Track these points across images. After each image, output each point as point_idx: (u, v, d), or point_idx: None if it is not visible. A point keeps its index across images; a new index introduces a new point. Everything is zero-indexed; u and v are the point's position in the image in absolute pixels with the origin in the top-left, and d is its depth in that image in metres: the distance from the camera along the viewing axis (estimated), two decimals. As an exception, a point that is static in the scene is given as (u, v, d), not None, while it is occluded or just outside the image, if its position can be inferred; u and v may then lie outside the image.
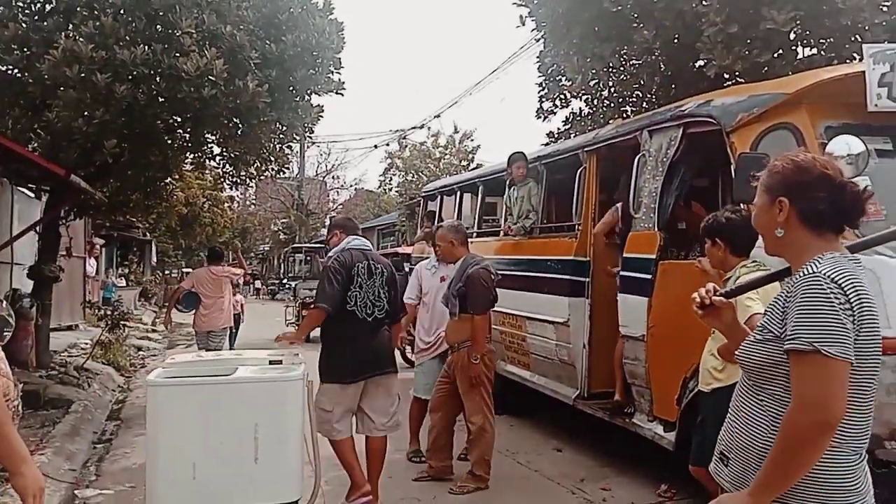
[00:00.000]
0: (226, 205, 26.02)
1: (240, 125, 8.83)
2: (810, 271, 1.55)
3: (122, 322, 9.39)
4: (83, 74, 6.92)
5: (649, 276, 4.33)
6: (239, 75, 7.78)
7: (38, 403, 6.07)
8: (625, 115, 8.63)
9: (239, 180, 11.30)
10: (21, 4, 7.41)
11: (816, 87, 3.81)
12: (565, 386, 5.40)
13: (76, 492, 4.48)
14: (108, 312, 9.00)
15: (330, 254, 4.40)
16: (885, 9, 5.39)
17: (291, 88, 8.93)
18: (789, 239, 1.64)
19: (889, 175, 3.48)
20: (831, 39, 6.18)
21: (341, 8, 9.27)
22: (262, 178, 11.55)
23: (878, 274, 2.98)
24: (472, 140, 27.37)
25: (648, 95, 8.44)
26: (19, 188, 9.34)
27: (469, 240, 5.11)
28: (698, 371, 3.39)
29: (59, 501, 4.21)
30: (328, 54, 9.11)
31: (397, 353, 9.83)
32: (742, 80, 6.33)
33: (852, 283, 1.52)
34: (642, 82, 8.22)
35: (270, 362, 4.07)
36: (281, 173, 11.63)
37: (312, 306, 4.25)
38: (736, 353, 1.71)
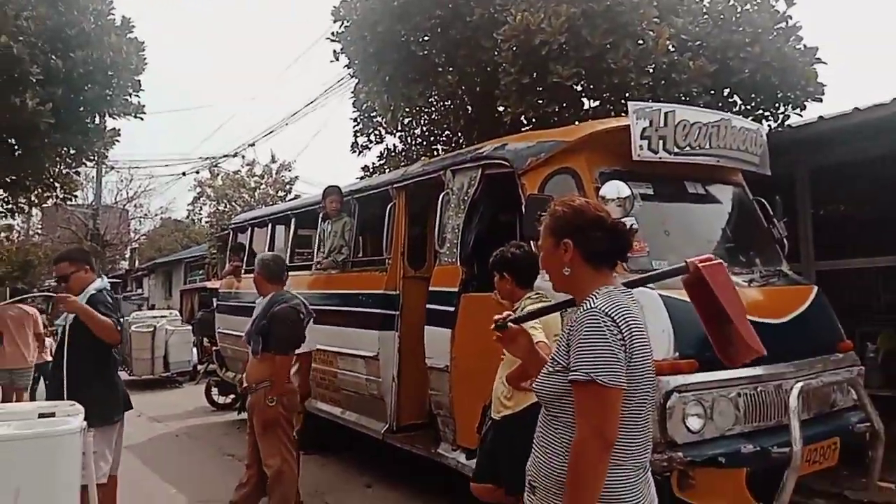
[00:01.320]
0: (2, 234, 22.92)
1: (15, 146, 7.94)
2: (589, 306, 1.71)
3: None
4: None
5: (452, 309, 4.50)
6: (15, 91, 7.04)
7: None
8: (435, 153, 8.99)
9: (16, 208, 10.08)
10: None
11: (592, 137, 4.26)
12: (375, 421, 5.40)
13: None
14: None
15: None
16: (650, 70, 6.18)
17: (81, 109, 8.24)
18: (574, 276, 1.81)
19: (649, 216, 3.96)
20: (609, 94, 6.96)
21: (144, 25, 8.73)
22: (44, 205, 10.41)
23: (641, 303, 3.37)
24: (290, 171, 26.85)
25: (456, 136, 8.88)
26: None
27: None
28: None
29: None
30: (125, 75, 8.55)
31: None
32: (534, 127, 6.90)
33: (624, 316, 1.70)
34: (449, 123, 8.64)
35: (41, 415, 3.61)
36: (67, 200, 10.56)
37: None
38: (533, 385, 1.84)
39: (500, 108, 7.03)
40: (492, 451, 3.27)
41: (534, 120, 6.78)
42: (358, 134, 10.78)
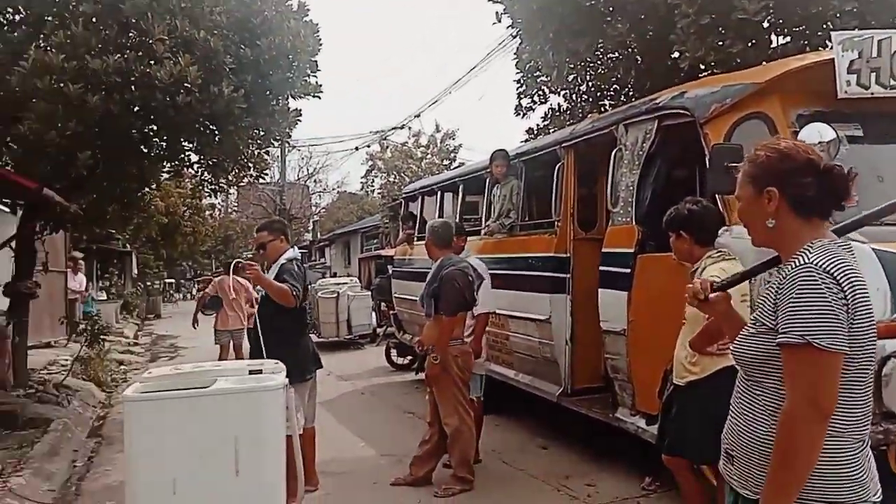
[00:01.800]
0: (207, 213, 25.79)
1: (216, 132, 8.73)
2: (803, 262, 1.52)
3: (101, 337, 9.24)
4: (54, 85, 6.81)
5: (628, 271, 4.32)
6: (214, 81, 7.68)
7: (15, 424, 5.95)
8: (603, 109, 8.64)
9: (218, 187, 11.16)
10: (-10, 16, 7.28)
11: (787, 76, 3.82)
12: (549, 383, 5.39)
13: (55, 512, 4.40)
14: (87, 327, 8.85)
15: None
16: (854, -4, 5.42)
17: (267, 93, 8.83)
18: (780, 228, 1.61)
19: (859, 161, 3.47)
20: (803, 28, 6.22)
21: (317, 9, 9.19)
22: (241, 184, 11.45)
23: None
24: (453, 139, 27.35)
25: (626, 89, 8.45)
26: (-7, 204, 9.17)
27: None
28: (677, 364, 3.38)
29: (39, 522, 4.13)
30: (304, 57, 9.03)
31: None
32: (716, 71, 6.35)
33: (846, 272, 1.50)
34: (619, 76, 8.23)
35: (250, 372, 4.01)
36: (260, 179, 11.55)
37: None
38: (731, 347, 1.69)
39: (676, 55, 6.56)
40: (678, 418, 3.11)
41: (713, 64, 6.25)
42: (521, 96, 10.66)
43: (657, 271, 4.13)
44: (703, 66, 6.59)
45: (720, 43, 5.81)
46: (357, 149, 29.65)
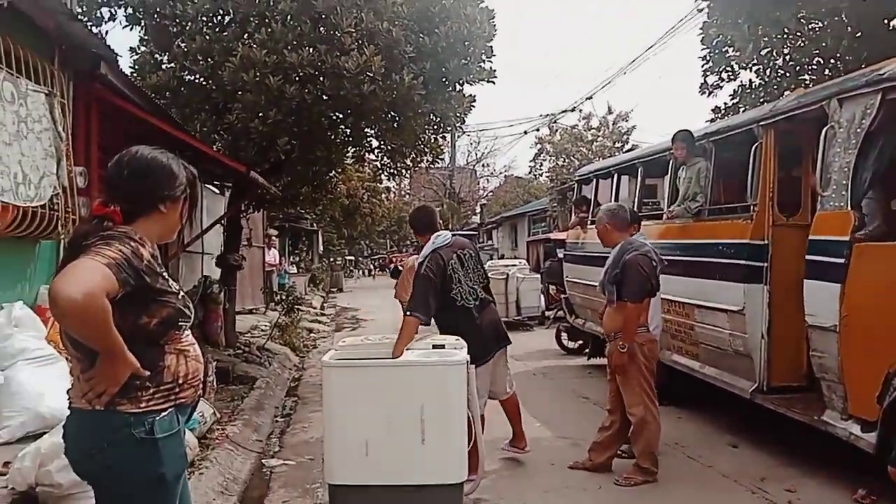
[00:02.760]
0: (383, 195, 27.18)
1: (396, 118, 9.14)
2: None
3: (296, 306, 10.13)
4: (258, 78, 7.52)
5: (842, 261, 3.89)
6: (395, 70, 8.04)
7: (228, 379, 6.73)
8: (804, 85, 7.84)
9: (396, 171, 11.72)
10: (205, 19, 8.16)
11: None
12: (740, 378, 5.03)
13: (263, 461, 4.90)
14: (284, 297, 9.74)
15: (419, 258, 4.49)
16: None
17: (444, 80, 9.08)
18: None
19: None
20: None
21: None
22: (417, 168, 11.89)
23: None
24: (626, 121, 26.36)
25: (832, 61, 7.60)
26: (206, 185, 10.37)
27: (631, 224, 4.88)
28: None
29: (250, 469, 4.63)
30: (479, 43, 9.15)
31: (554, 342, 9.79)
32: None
33: None
34: (825, 45, 7.41)
35: (434, 346, 4.18)
36: (435, 163, 11.91)
37: (408, 313, 4.15)
38: None
39: (899, 19, 5.76)
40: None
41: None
42: (707, 73, 10.01)
43: (879, 262, 3.68)
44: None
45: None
46: (526, 132, 29.66)
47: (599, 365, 7.31)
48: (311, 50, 7.73)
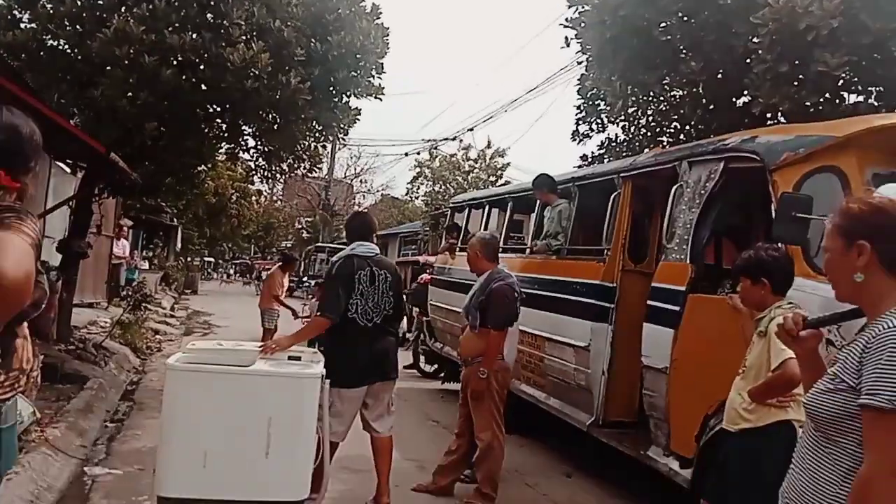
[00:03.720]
0: (254, 198, 26.26)
1: (277, 120, 8.91)
2: (894, 325, 1.48)
3: (143, 304, 9.47)
4: (132, 55, 7.05)
5: (677, 308, 4.26)
6: (282, 70, 7.86)
7: (55, 377, 6.12)
8: (662, 144, 8.57)
9: (271, 175, 11.38)
10: (79, -18, 7.55)
11: (867, 134, 3.74)
12: (580, 411, 5.33)
13: (86, 468, 4.50)
14: (131, 293, 9.08)
15: (333, 259, 4.41)
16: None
17: (332, 89, 8.99)
18: (868, 285, 1.58)
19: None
20: (881, 88, 6.09)
21: (387, 11, 9.34)
22: (293, 174, 11.63)
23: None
24: (503, 157, 27.39)
25: (687, 127, 8.38)
26: (57, 162, 9.50)
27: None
28: (721, 408, 3.32)
29: (69, 477, 4.24)
30: (371, 58, 9.18)
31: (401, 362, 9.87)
32: (785, 120, 6.26)
33: None
34: (682, 112, 8.17)
35: (290, 357, 4.07)
36: (312, 172, 11.70)
37: (317, 314, 4.20)
38: (804, 400, 1.65)
39: (747, 99, 6.47)
40: (725, 465, 3.04)
41: (784, 114, 6.16)
42: (580, 122, 10.63)
43: (709, 313, 4.07)
44: (772, 114, 6.50)
45: (796, 93, 5.71)
46: (407, 154, 29.93)
47: (452, 390, 7.45)
48: (194, 35, 7.38)
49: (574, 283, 5.58)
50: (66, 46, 7.68)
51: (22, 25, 7.75)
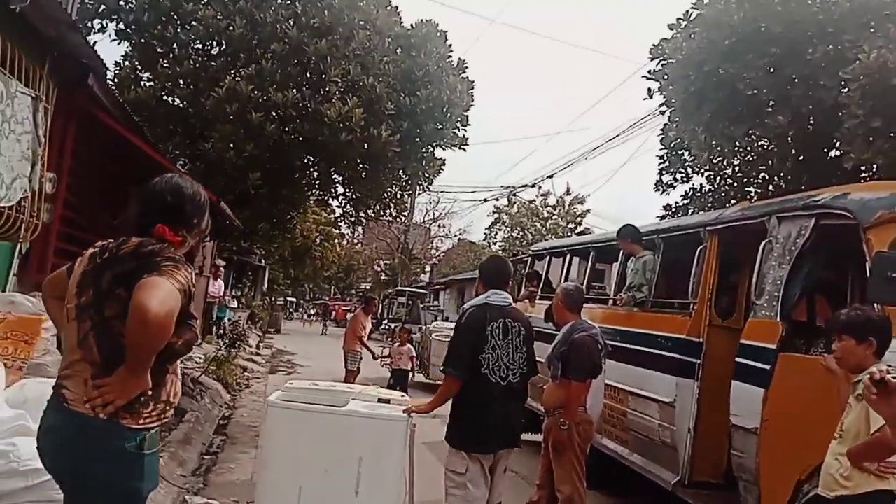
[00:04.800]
0: (336, 241, 27.15)
1: (367, 169, 9.38)
2: None
3: (238, 342, 9.98)
4: (240, 112, 7.67)
5: (768, 367, 4.19)
6: (374, 124, 8.33)
7: (158, 408, 6.54)
8: (748, 196, 8.44)
9: (356, 220, 11.89)
10: (196, 46, 8.32)
11: (969, 193, 3.65)
12: (664, 469, 5.22)
13: (186, 497, 4.79)
14: (227, 331, 9.61)
15: (464, 307, 4.12)
16: None
17: (419, 140, 9.41)
18: None
19: None
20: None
21: (472, 65, 9.72)
22: (379, 220, 12.08)
23: None
24: (582, 204, 27.33)
25: (776, 178, 8.24)
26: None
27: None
28: (816, 473, 3.24)
29: (172, 503, 4.53)
30: (457, 111, 9.56)
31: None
32: (880, 176, 6.09)
33: None
34: (770, 164, 8.06)
35: (379, 400, 4.25)
36: (398, 219, 12.13)
37: (443, 369, 3.96)
38: None
39: (838, 153, 6.35)
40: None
41: (878, 169, 6.00)
42: (663, 172, 10.62)
43: (802, 372, 3.98)
44: (865, 168, 6.35)
45: (890, 148, 5.57)
46: (486, 200, 30.29)
47: (534, 441, 7.41)
48: (295, 92, 7.96)
49: (659, 336, 5.54)
50: (182, 103, 8.42)
51: (143, 84, 8.57)
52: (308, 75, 8.40)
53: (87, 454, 1.92)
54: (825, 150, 6.77)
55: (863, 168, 6.40)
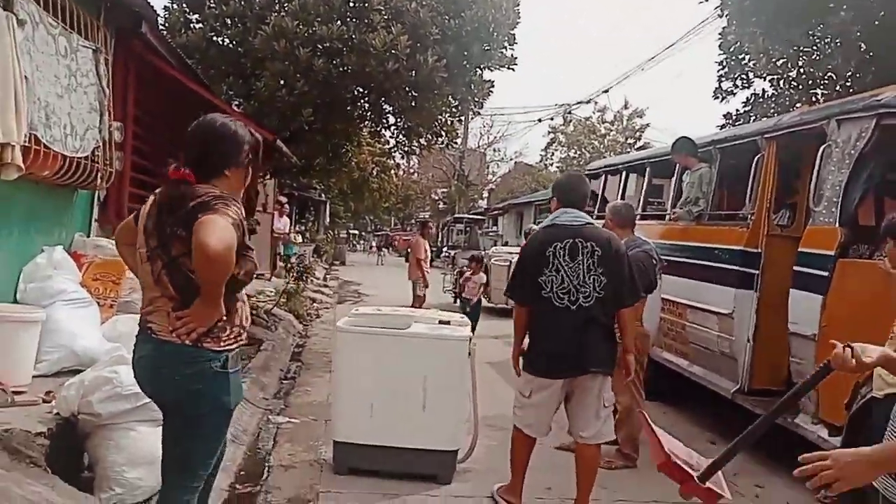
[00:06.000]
0: (392, 172, 27.36)
1: (416, 98, 9.36)
2: None
3: (305, 275, 10.41)
4: (288, 49, 7.74)
5: (826, 274, 4.16)
6: (419, 51, 8.26)
7: (238, 338, 7.00)
8: (814, 99, 8.06)
9: (410, 150, 11.95)
10: (238, -17, 8.35)
11: None
12: (724, 379, 5.31)
13: (270, 417, 5.21)
14: (294, 265, 10.03)
15: (530, 226, 4.09)
16: None
17: (466, 64, 9.28)
18: None
19: None
20: None
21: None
22: (431, 149, 12.11)
23: None
24: (641, 118, 26.50)
25: (843, 79, 7.81)
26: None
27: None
28: (871, 376, 3.27)
29: (258, 423, 4.95)
30: (503, 30, 9.34)
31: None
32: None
33: None
34: (836, 63, 7.62)
35: (440, 322, 4.47)
36: (450, 146, 12.12)
37: (508, 295, 3.86)
38: None
39: (910, 47, 5.97)
40: (871, 431, 3.02)
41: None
42: (723, 78, 10.21)
43: (859, 277, 3.95)
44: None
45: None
46: (540, 121, 29.74)
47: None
48: (340, 24, 7.95)
49: (717, 249, 5.52)
50: (231, 43, 8.54)
51: (193, 27, 8.70)
52: (351, 5, 8.34)
53: (180, 376, 2.18)
54: (893, 47, 6.33)
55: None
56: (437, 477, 4.05)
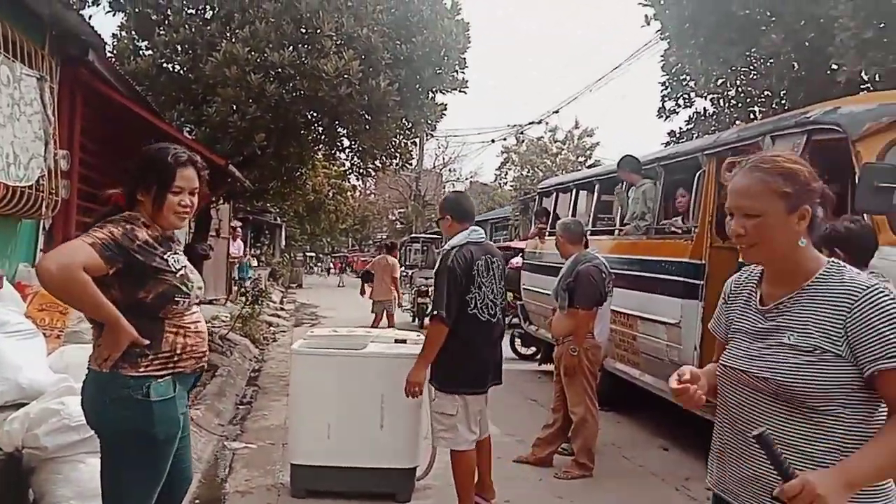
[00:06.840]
0: (348, 193, 27.31)
1: (370, 121, 9.43)
2: (865, 284, 1.52)
3: (260, 298, 10.32)
4: (239, 74, 7.73)
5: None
6: (372, 75, 8.34)
7: (191, 365, 6.89)
8: (752, 116, 8.43)
9: (365, 172, 11.99)
10: (189, 11, 8.33)
11: (954, 98, 3.71)
12: (673, 386, 5.46)
13: (225, 443, 5.14)
14: (249, 289, 9.94)
15: (446, 247, 3.84)
16: None
17: (418, 87, 9.41)
18: (808, 249, 1.63)
19: None
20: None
21: (466, 5, 9.60)
22: (386, 170, 12.16)
23: None
24: (591, 136, 27.10)
25: (777, 97, 8.21)
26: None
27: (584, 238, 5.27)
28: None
29: (213, 450, 4.88)
30: (454, 54, 9.52)
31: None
32: (874, 88, 6.09)
33: None
34: (771, 83, 8.02)
35: (396, 340, 4.52)
36: (405, 167, 12.20)
37: (433, 313, 3.73)
38: (780, 378, 1.55)
39: (834, 67, 6.33)
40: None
41: (872, 81, 5.99)
42: (666, 98, 10.57)
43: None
44: (861, 81, 6.32)
45: (883, 58, 5.55)
46: (493, 141, 30.21)
47: (549, 371, 7.70)
48: (291, 50, 7.98)
49: (663, 261, 5.71)
50: (182, 70, 8.48)
51: (142, 54, 8.63)
52: (302, 32, 8.38)
53: (101, 403, 2.17)
54: (822, 65, 6.72)
55: (865, 78, 6.37)
56: (396, 495, 4.08)
